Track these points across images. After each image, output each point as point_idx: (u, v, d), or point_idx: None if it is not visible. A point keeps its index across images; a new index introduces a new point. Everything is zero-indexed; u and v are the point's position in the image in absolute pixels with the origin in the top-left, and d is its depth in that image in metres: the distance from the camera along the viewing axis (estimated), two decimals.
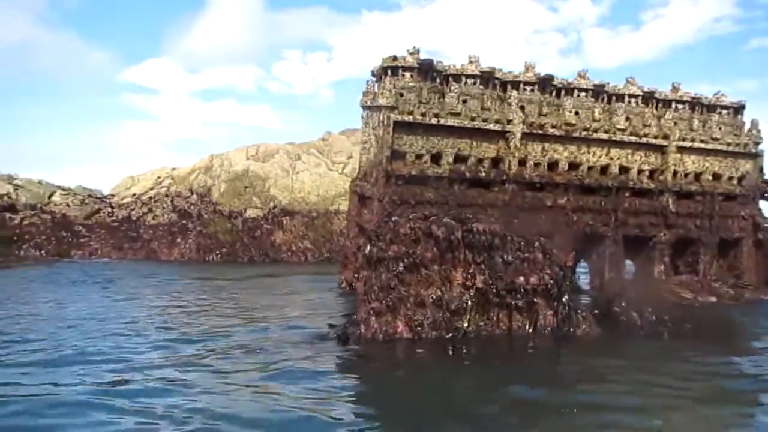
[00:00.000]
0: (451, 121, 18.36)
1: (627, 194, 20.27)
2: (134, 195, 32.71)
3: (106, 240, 29.82)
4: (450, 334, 11.82)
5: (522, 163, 19.20)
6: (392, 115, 17.89)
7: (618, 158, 20.34)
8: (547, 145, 19.58)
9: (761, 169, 22.33)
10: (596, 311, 13.65)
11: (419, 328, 11.73)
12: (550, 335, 12.45)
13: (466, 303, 11.89)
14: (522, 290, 12.26)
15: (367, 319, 11.82)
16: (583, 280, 21.38)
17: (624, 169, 20.44)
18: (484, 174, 18.68)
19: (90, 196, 32.27)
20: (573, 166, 19.82)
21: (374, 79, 19.45)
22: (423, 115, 18.16)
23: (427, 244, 11.82)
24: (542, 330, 12.47)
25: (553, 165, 19.64)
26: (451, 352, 11.35)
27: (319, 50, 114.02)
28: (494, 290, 12.05)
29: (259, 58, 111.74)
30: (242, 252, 31.04)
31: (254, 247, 31.50)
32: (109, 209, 31.81)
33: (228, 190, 32.90)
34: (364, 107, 19.34)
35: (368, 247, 11.97)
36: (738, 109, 22.01)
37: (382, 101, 18.06)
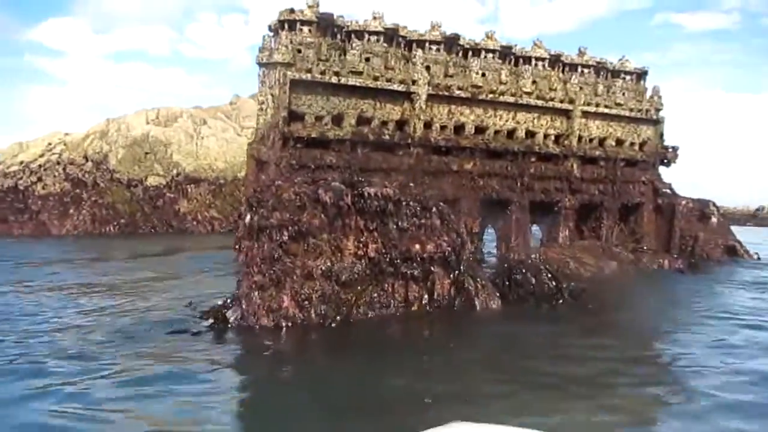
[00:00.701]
0: (353, 81, 17.07)
1: (533, 159, 19.74)
2: (22, 163, 29.58)
3: None
4: (338, 311, 10.73)
5: (427, 125, 18.22)
6: (289, 73, 16.41)
7: (524, 122, 19.72)
8: (453, 107, 18.66)
9: (661, 135, 22.37)
10: (497, 280, 12.92)
11: (307, 303, 10.58)
12: (447, 306, 11.59)
13: (358, 274, 10.80)
14: (418, 259, 11.29)
15: (249, 295, 10.55)
16: (492, 247, 20.83)
17: (530, 134, 19.87)
18: (388, 137, 17.58)
19: None
20: (479, 129, 19.04)
21: (271, 34, 17.81)
22: (323, 73, 16.77)
23: (315, 210, 10.62)
24: (440, 300, 11.60)
25: (459, 128, 18.78)
26: (336, 331, 10.32)
27: (234, 12, 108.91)
28: (388, 259, 11.02)
29: (172, 20, 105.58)
30: (143, 222, 28.79)
31: (156, 217, 29.30)
32: None
33: (126, 156, 30.35)
34: (260, 65, 17.72)
35: (248, 215, 10.63)
36: (641, 75, 21.86)
37: (277, 57, 16.53)
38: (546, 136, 20.07)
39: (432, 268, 11.55)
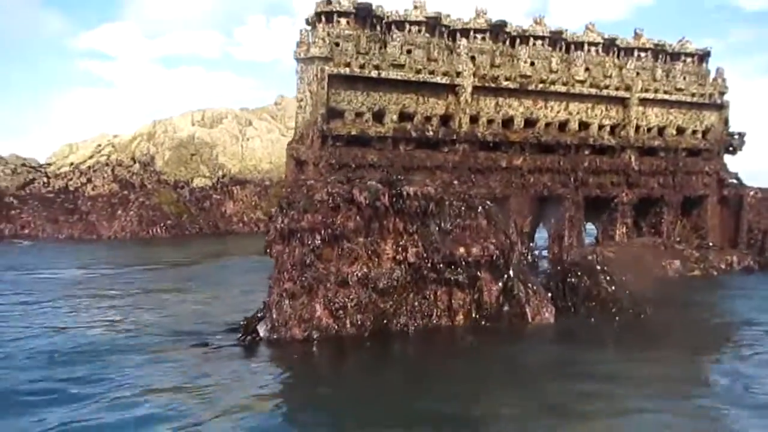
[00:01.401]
0: (394, 74, 16.06)
1: (587, 152, 18.33)
2: (72, 164, 29.85)
3: (39, 213, 27.09)
4: (376, 321, 9.78)
5: (474, 120, 17.06)
6: (327, 68, 15.53)
7: (577, 113, 18.30)
8: (500, 99, 17.43)
9: (726, 121, 20.53)
10: (550, 284, 11.71)
11: (341, 312, 9.67)
12: (495, 315, 10.48)
13: (397, 280, 9.82)
14: (463, 263, 10.22)
15: (280, 303, 9.71)
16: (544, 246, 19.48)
17: (584, 125, 18.44)
18: (432, 133, 16.51)
19: (24, 165, 29.30)
20: (529, 122, 17.74)
21: (309, 28, 16.96)
22: (362, 67, 15.82)
23: (349, 212, 9.68)
24: (488, 308, 10.49)
25: (507, 122, 17.54)
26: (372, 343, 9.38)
27: (282, 14, 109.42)
28: (430, 264, 10.00)
29: (221, 23, 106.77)
30: (189, 224, 28.61)
31: (202, 218, 29.08)
32: (45, 179, 28.97)
33: (173, 158, 30.25)
34: (298, 60, 16.87)
35: (279, 218, 9.78)
36: (703, 56, 20.07)
37: (314, 51, 15.67)
38: (601, 127, 18.60)
39: (478, 273, 10.47)
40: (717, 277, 15.60)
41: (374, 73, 15.88)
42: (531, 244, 17.86)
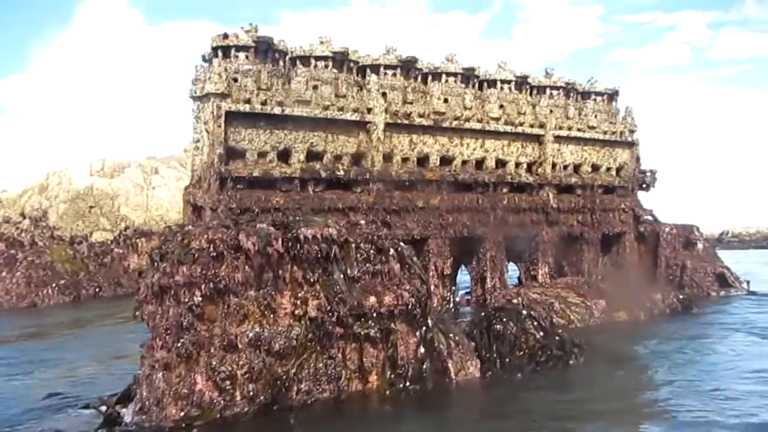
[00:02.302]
0: (300, 111, 14.68)
1: (505, 190, 17.46)
2: None
3: None
4: (273, 390, 8.02)
5: (387, 158, 15.85)
6: (224, 104, 13.98)
7: (494, 150, 17.49)
8: (415, 137, 16.36)
9: (638, 159, 20.38)
10: (474, 332, 10.33)
11: (228, 383, 7.84)
12: (414, 373, 8.94)
13: (296, 339, 8.14)
14: (374, 315, 8.69)
15: (151, 377, 7.79)
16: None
17: (501, 163, 17.64)
18: (343, 172, 15.13)
19: None
20: (445, 160, 16.73)
21: (205, 64, 15.42)
22: (264, 103, 14.36)
23: (235, 261, 7.99)
24: (405, 365, 8.95)
25: (423, 160, 16.45)
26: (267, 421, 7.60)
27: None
28: (335, 318, 8.39)
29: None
30: (87, 282, 25.53)
31: (102, 275, 26.12)
32: None
33: (69, 211, 27.37)
34: (194, 98, 15.25)
35: (150, 273, 7.97)
36: (612, 95, 19.96)
37: (210, 88, 14.09)
38: (518, 164, 17.86)
39: (393, 325, 8.93)
40: (644, 321, 14.71)
41: (278, 110, 14.45)
42: (453, 288, 16.61)
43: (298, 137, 14.81)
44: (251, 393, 7.98)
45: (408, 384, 8.94)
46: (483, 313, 10.61)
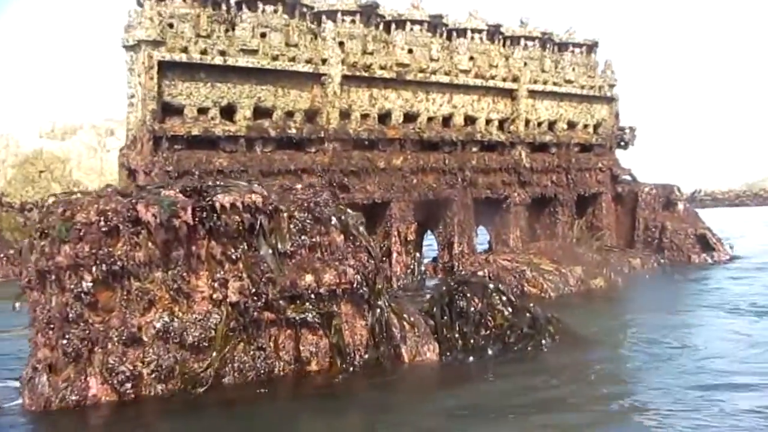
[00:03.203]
0: (245, 61, 12.91)
1: (475, 149, 15.96)
2: None
3: None
4: (188, 389, 6.57)
5: (345, 115, 14.20)
6: (157, 53, 12.16)
7: (462, 106, 15.89)
8: (375, 91, 14.69)
9: (617, 115, 18.95)
10: (434, 309, 8.96)
11: (130, 385, 6.37)
12: (363, 360, 7.57)
13: (217, 328, 6.67)
14: (311, 296, 7.23)
15: (32, 381, 6.29)
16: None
17: (470, 120, 16.07)
18: (295, 131, 13.48)
19: None
20: (409, 117, 15.13)
21: (139, 9, 13.46)
22: (203, 53, 12.56)
23: (135, 237, 6.43)
24: (351, 353, 7.56)
25: (384, 117, 14.83)
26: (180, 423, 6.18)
27: None
28: (264, 301, 6.92)
29: None
30: None
31: None
32: None
33: (17, 176, 25.34)
34: (127, 48, 13.36)
35: (30, 252, 6.39)
36: (591, 47, 18.36)
37: (141, 35, 12.24)
38: (488, 121, 16.31)
39: (335, 308, 7.50)
40: (621, 289, 13.50)
41: (219, 60, 12.66)
42: (418, 255, 15.26)
43: (243, 91, 13.08)
44: (161, 394, 6.52)
45: (354, 373, 7.58)
46: (444, 288, 9.19)
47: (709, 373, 7.80)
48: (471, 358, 8.48)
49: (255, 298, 6.86)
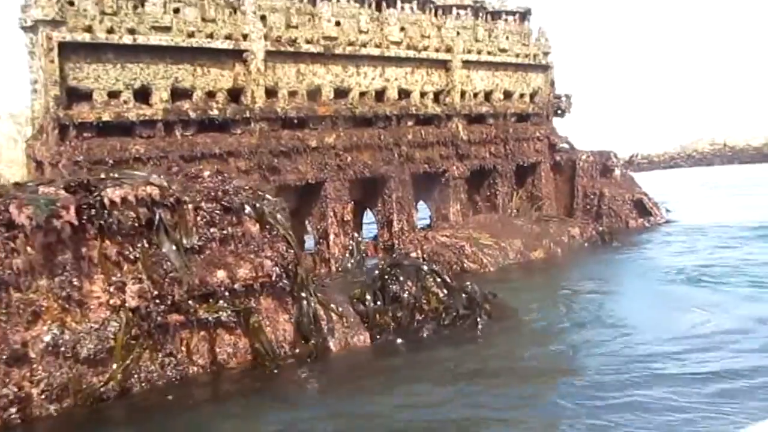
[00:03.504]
0: (158, 39, 11.89)
1: (410, 123, 15.40)
2: None
3: None
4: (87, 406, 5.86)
5: (271, 93, 13.37)
6: (56, 34, 11.02)
7: (395, 79, 15.25)
8: (303, 66, 13.86)
9: (552, 83, 18.69)
10: (366, 295, 8.43)
11: (16, 410, 5.61)
12: (286, 356, 7.00)
13: (116, 337, 5.95)
14: (226, 293, 6.56)
15: None
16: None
17: (404, 93, 15.47)
18: (217, 112, 12.60)
19: None
20: (340, 92, 14.40)
21: None
22: (110, 31, 11.49)
23: (11, 242, 5.61)
24: (271, 352, 6.97)
25: (314, 93, 14.04)
26: None
27: None
28: (169, 303, 6.22)
29: None
30: None
31: None
32: None
33: None
34: (25, 29, 12.11)
35: None
36: (524, 14, 17.96)
37: (38, 14, 11.06)
38: (423, 94, 15.75)
39: (254, 304, 6.86)
40: (561, 260, 13.31)
41: (129, 39, 11.60)
42: (356, 235, 14.68)
43: (158, 72, 12.07)
44: (55, 416, 5.79)
45: (279, 369, 7.00)
46: (377, 272, 8.66)
47: (637, 342, 7.60)
48: (401, 341, 8.02)
49: (158, 300, 6.16)
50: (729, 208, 20.32)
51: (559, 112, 18.85)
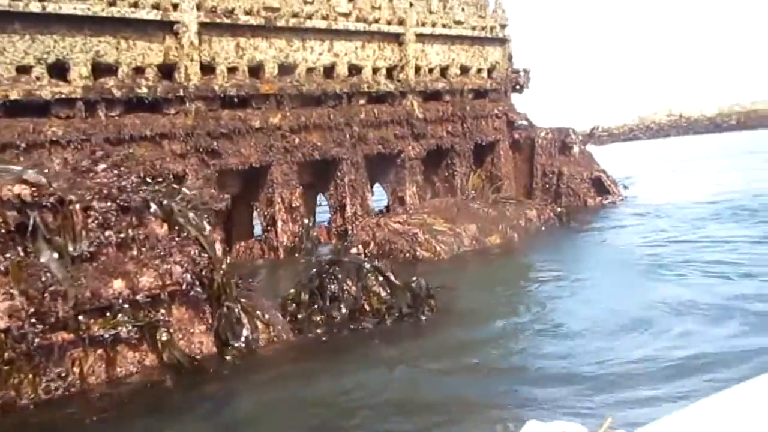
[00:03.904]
0: (72, 8, 10.54)
1: (362, 101, 14.35)
2: None
3: None
4: None
5: (208, 69, 12.14)
6: None
7: (345, 54, 14.14)
8: (243, 40, 12.63)
9: (510, 57, 17.80)
10: (302, 297, 7.50)
11: None
12: (204, 369, 6.04)
13: None
14: (126, 305, 5.53)
15: None
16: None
17: (355, 69, 14.37)
18: (146, 90, 11.34)
19: None
20: (285, 69, 13.22)
21: None
22: None
23: None
24: (193, 362, 5.99)
25: (256, 69, 12.85)
26: None
27: None
28: (52, 322, 5.18)
29: None
30: None
31: None
32: None
33: None
34: None
35: None
36: None
37: None
38: (375, 70, 14.67)
39: (161, 316, 5.84)
40: (516, 246, 12.55)
41: (37, 7, 10.22)
42: (307, 222, 13.67)
43: (75, 45, 10.73)
44: None
45: (194, 383, 6.05)
46: (314, 270, 7.71)
47: (584, 340, 6.90)
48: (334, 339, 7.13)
49: (36, 319, 5.10)
50: (683, 185, 20.04)
51: (518, 87, 18.01)
